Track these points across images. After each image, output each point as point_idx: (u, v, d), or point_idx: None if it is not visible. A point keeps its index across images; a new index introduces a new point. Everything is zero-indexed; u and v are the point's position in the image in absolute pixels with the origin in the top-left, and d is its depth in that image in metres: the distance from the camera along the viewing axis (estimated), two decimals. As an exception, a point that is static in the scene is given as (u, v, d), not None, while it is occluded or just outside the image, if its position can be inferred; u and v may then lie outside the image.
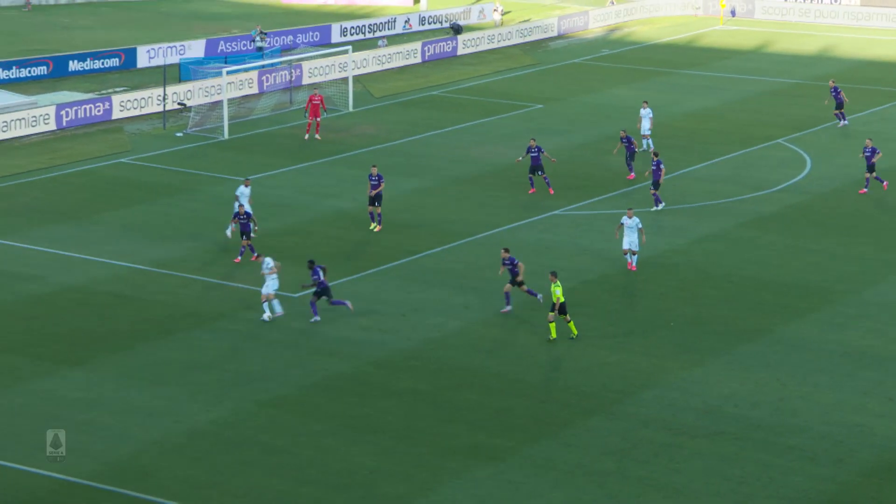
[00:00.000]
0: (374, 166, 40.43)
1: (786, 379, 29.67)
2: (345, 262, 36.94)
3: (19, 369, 29.86)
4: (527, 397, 28.76)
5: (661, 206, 41.23)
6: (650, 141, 47.39)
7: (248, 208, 36.74)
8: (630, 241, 35.83)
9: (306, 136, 50.16)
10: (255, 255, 36.24)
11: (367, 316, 33.20)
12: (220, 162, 47.37)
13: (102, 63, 61.53)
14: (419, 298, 34.42)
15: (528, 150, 42.86)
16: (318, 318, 32.52)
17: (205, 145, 49.77)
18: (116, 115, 53.07)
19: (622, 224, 35.92)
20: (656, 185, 41.08)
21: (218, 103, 52.74)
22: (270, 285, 32.59)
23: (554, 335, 31.47)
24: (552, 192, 42.77)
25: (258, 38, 64.37)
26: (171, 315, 33.17)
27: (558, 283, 31.32)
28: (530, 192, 42.99)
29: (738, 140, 50.41)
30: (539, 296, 33.07)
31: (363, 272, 35.97)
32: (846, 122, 52.11)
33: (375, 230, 39.24)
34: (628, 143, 44.29)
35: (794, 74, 62.79)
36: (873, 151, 43.33)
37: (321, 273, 32.30)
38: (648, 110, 47.75)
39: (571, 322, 31.57)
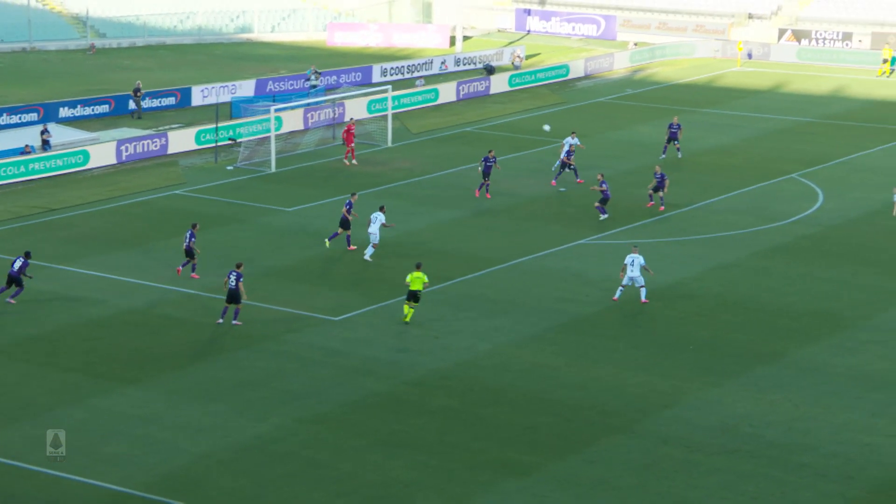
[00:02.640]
0: (353, 194, 40.98)
1: (798, 400, 29.48)
2: (382, 286, 37.06)
3: (81, 387, 30.10)
4: (553, 415, 28.71)
5: (605, 216, 43.11)
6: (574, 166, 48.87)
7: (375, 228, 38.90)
8: (631, 277, 35.06)
9: (345, 162, 50.91)
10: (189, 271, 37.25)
11: (402, 338, 33.30)
12: (267, 193, 47.69)
13: (160, 101, 62.14)
14: (452, 322, 34.47)
15: (485, 160, 46.05)
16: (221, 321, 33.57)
17: (253, 178, 50.14)
18: (172, 149, 53.59)
19: (626, 264, 35.11)
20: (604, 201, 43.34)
21: (266, 139, 53.15)
22: None
23: (407, 319, 33.47)
24: (489, 196, 45.81)
25: (313, 77, 64.92)
26: (221, 336, 33.37)
27: (419, 273, 33.22)
28: (477, 194, 46.10)
29: (755, 175, 50.27)
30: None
31: (399, 297, 36.07)
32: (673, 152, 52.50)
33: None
34: (661, 179, 44.52)
35: (807, 113, 62.59)
36: (662, 177, 44.03)
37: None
38: (576, 140, 49.36)
39: (411, 311, 33.45)
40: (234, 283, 33.40)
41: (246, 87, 64.88)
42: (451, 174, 50.75)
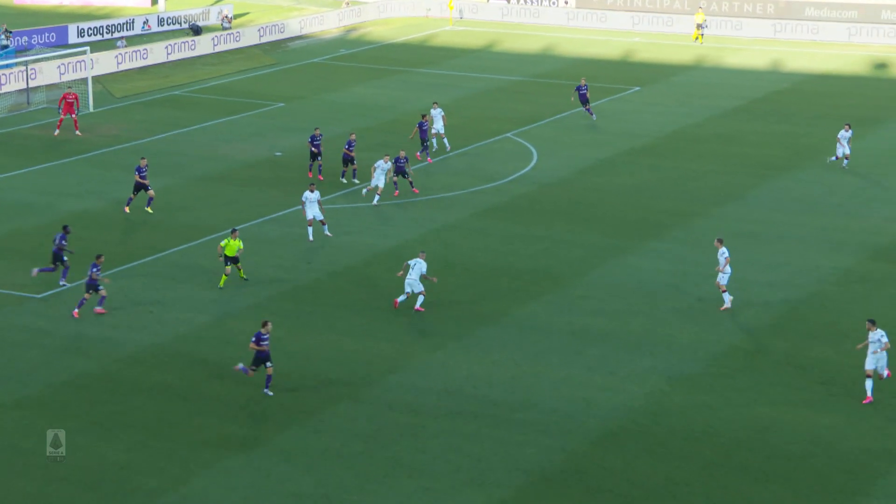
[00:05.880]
0: (143, 158, 40.69)
1: (519, 359, 30.65)
2: (88, 261, 35.85)
3: None
4: (276, 387, 28.69)
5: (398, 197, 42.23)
6: (445, 140, 48.38)
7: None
8: (409, 281, 32.99)
9: (56, 133, 48.98)
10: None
11: (115, 314, 32.39)
12: (-44, 164, 45.15)
13: None
14: (167, 295, 33.81)
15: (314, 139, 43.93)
16: None
17: (-61, 147, 47.33)
18: None
19: (409, 265, 33.29)
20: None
21: (-49, 105, 50.26)
22: None
23: (221, 284, 34.10)
24: (322, 178, 43.79)
25: (2, 38, 61.80)
26: None
27: (235, 241, 34.02)
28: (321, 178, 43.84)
29: (471, 135, 51.62)
30: None
31: (109, 270, 35.02)
32: (593, 116, 53.93)
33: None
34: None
35: (518, 72, 64.69)
36: (406, 160, 43.31)
37: None
38: (439, 110, 48.41)
39: (241, 270, 34.58)
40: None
41: (-75, 48, 61.00)
42: (162, 140, 49.57)
